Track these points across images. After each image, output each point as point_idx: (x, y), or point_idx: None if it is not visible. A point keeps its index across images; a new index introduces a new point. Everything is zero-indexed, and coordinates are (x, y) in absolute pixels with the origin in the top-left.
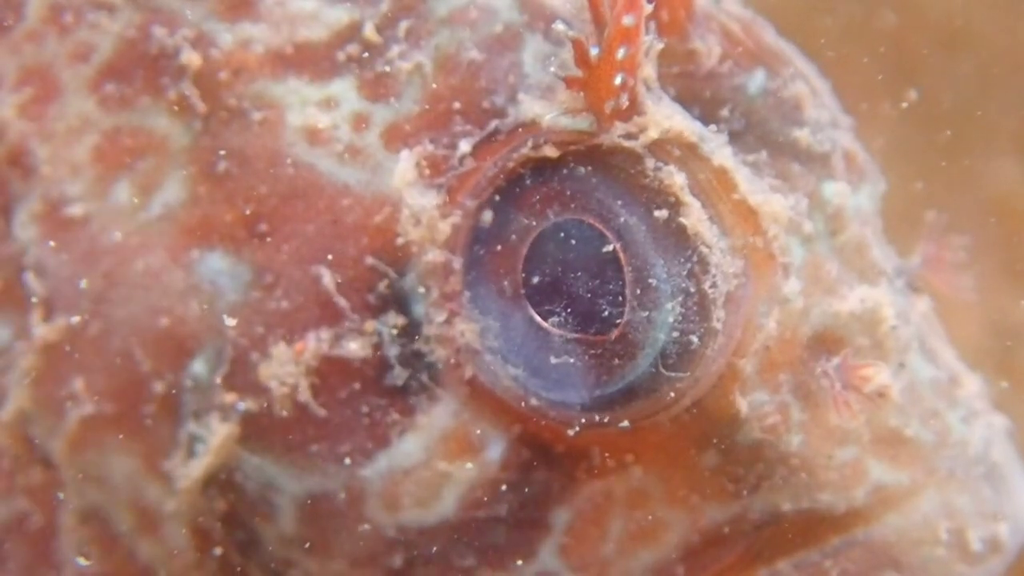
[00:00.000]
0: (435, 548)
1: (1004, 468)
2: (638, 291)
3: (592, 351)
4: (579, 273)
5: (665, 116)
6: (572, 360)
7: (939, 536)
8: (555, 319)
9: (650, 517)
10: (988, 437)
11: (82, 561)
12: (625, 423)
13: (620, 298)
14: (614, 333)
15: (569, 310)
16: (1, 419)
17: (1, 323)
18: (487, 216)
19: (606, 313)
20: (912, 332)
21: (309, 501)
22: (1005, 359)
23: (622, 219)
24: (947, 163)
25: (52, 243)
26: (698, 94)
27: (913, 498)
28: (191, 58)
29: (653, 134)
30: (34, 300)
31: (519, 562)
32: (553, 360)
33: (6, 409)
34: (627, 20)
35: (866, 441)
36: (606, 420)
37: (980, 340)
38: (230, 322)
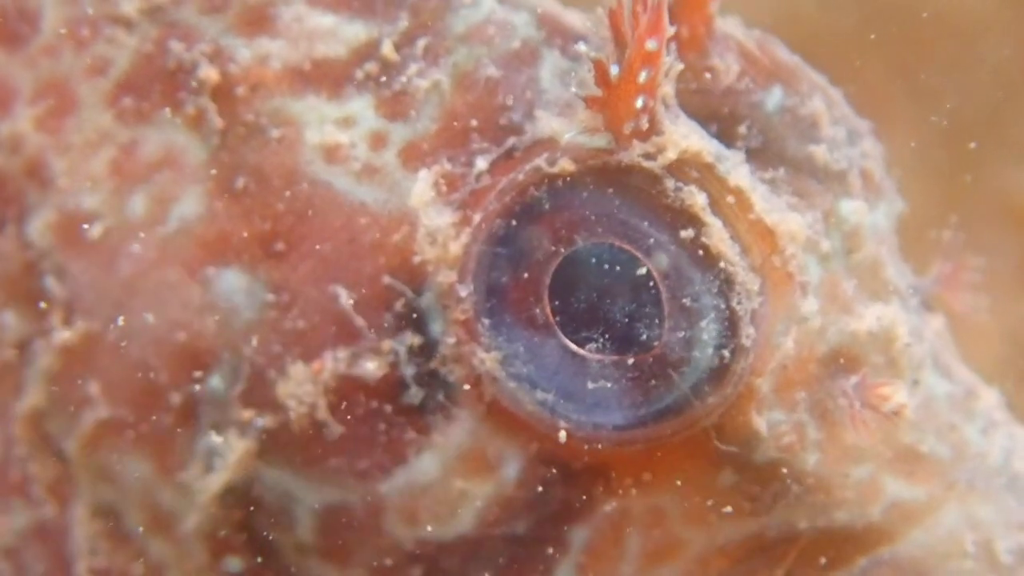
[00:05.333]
0: (454, 563)
1: None
2: (674, 311)
3: (630, 374)
4: (611, 296)
5: (682, 136)
6: (610, 384)
7: (966, 549)
8: (590, 344)
9: (667, 535)
10: (1008, 447)
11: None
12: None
13: (655, 320)
14: (651, 355)
15: (604, 334)
16: (17, 411)
17: (18, 317)
18: (507, 242)
19: (642, 336)
20: (926, 349)
21: (327, 512)
22: None
23: (651, 239)
24: (965, 172)
25: (72, 251)
26: (716, 111)
27: (935, 512)
28: (209, 73)
29: (671, 155)
30: (55, 301)
31: None
32: (590, 385)
33: (23, 403)
34: (650, 44)
35: (882, 459)
36: (635, 440)
37: (999, 351)
38: (247, 340)
